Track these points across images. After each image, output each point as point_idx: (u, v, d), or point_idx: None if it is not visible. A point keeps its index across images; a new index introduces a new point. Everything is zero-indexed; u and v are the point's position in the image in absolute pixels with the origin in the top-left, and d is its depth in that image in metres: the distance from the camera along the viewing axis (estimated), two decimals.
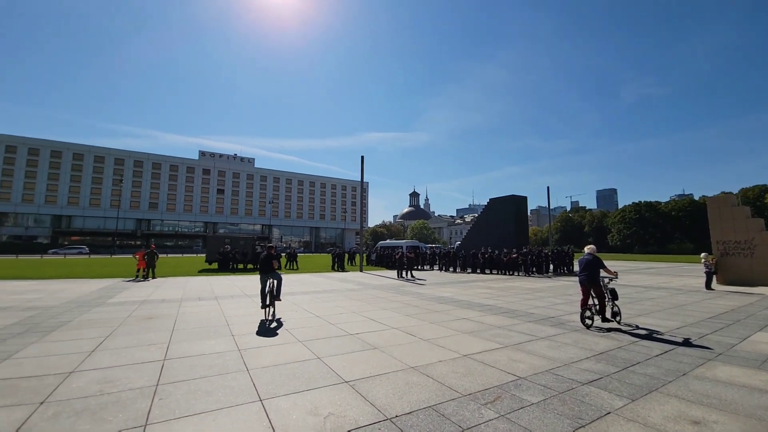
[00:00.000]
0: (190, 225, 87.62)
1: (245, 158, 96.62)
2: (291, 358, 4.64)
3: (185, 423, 2.89)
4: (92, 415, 3.01)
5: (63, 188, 73.53)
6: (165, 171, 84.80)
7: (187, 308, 8.48)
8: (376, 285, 14.48)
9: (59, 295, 10.47)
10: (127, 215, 77.25)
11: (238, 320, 7.15)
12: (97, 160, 77.37)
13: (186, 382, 3.78)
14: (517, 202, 23.70)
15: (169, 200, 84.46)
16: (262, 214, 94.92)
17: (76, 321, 6.93)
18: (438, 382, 3.84)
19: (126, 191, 78.17)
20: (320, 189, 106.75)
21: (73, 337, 5.72)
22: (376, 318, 7.48)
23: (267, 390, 3.59)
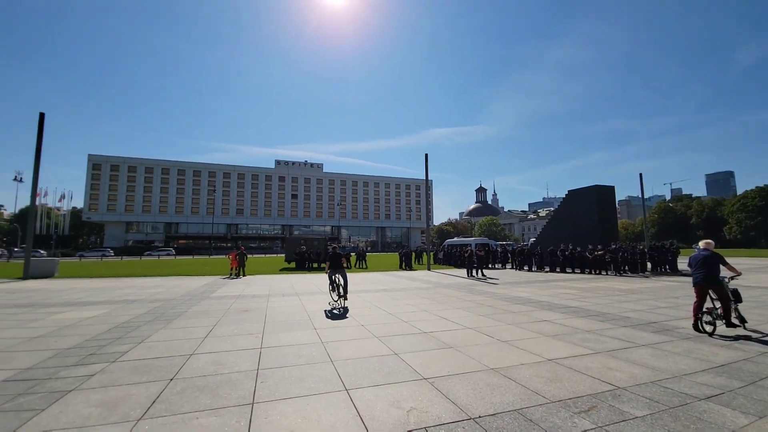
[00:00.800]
0: (269, 228, 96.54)
1: (315, 164, 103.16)
2: (370, 353, 4.85)
3: (285, 404, 3.23)
4: (211, 392, 3.53)
5: (171, 199, 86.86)
6: (248, 180, 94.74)
7: (274, 303, 9.39)
8: (445, 284, 14.30)
9: (175, 290, 12.41)
10: (219, 221, 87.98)
11: (318, 315, 7.68)
12: (195, 174, 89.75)
13: (280, 369, 4.20)
14: (602, 193, 21.27)
15: (251, 206, 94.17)
16: (331, 215, 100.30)
17: (190, 311, 8.16)
18: (522, 386, 3.66)
19: (218, 200, 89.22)
20: (385, 189, 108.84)
21: (189, 325, 6.75)
22: (449, 317, 7.40)
23: (351, 381, 3.81)
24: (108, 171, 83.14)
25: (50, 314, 7.90)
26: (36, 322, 7.02)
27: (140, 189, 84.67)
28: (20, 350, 5.08)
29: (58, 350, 5.05)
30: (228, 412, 3.07)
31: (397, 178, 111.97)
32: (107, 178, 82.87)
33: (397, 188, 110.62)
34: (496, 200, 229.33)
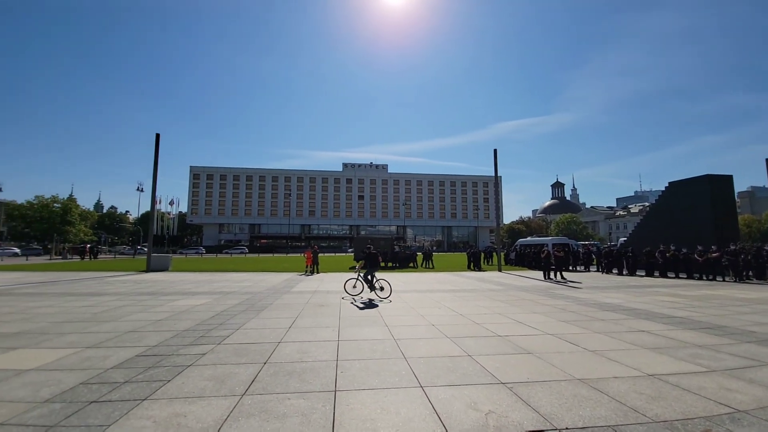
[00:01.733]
0: (338, 228, 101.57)
1: (380, 165, 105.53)
2: (443, 353, 4.83)
3: (365, 394, 3.41)
4: (298, 377, 3.88)
5: (254, 203, 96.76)
6: (318, 183, 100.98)
7: (347, 299, 9.88)
8: (519, 286, 13.50)
9: (261, 284, 13.83)
10: (294, 221, 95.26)
11: (388, 312, 7.88)
12: (273, 180, 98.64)
13: (357, 361, 4.43)
14: (716, 184, 17.96)
15: (322, 207, 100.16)
16: (396, 215, 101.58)
17: (275, 304, 9.03)
18: (616, 401, 3.31)
19: (293, 202, 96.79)
20: (450, 187, 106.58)
21: (275, 316, 7.49)
22: (525, 321, 6.98)
23: (426, 378, 3.85)
24: (205, 179, 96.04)
25: (168, 301, 9.43)
26: (158, 308, 8.45)
27: (229, 194, 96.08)
28: (148, 331, 6.17)
29: (176, 332, 6.02)
30: (314, 397, 3.35)
31: (462, 176, 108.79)
32: (204, 185, 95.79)
33: (463, 186, 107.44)
34: (576, 196, 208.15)
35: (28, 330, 6.10)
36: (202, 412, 3.05)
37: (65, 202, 63.92)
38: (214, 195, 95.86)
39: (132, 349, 4.96)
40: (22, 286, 13.02)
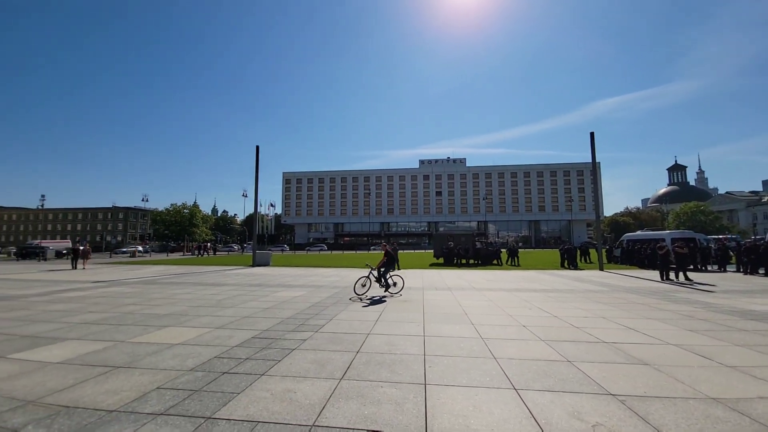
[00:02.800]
0: (416, 225, 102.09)
1: (457, 159, 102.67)
2: (537, 356, 4.53)
3: (455, 391, 3.41)
4: (389, 367, 4.07)
5: (337, 203, 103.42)
6: (396, 182, 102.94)
7: (429, 296, 9.92)
8: (627, 287, 11.80)
9: (347, 279, 14.76)
10: (374, 220, 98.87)
11: (473, 310, 7.67)
12: (353, 181, 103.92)
13: (445, 357, 4.44)
14: None
15: (400, 205, 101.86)
16: (476, 210, 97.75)
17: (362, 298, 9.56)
18: (763, 425, 2.69)
19: (372, 201, 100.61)
20: (537, 178, 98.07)
21: (362, 309, 7.94)
22: (638, 328, 6.09)
23: (519, 381, 3.67)
24: (295, 184, 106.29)
25: (272, 292, 10.74)
26: (265, 297, 9.69)
27: (316, 196, 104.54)
28: (259, 317, 7.13)
29: (281, 319, 6.84)
30: (405, 388, 3.48)
31: (551, 164, 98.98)
32: (295, 189, 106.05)
33: (553, 176, 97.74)
34: (704, 180, 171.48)
35: (173, 312, 7.61)
36: (309, 390, 3.43)
37: (191, 209, 77.59)
38: (303, 197, 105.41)
39: (249, 332, 5.82)
40: (165, 276, 16.25)
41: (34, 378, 3.79)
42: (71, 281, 14.05)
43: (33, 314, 7.35)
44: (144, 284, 13.01)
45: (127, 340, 5.34)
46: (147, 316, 7.10)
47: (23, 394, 3.36)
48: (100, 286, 12.56)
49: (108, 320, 6.76)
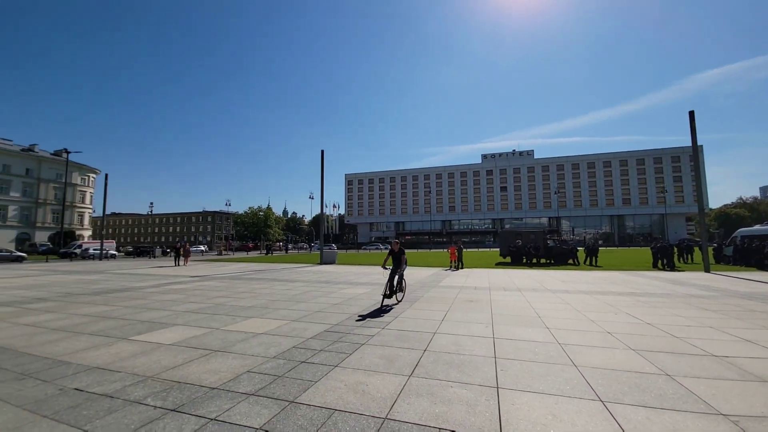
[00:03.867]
0: (480, 222, 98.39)
1: (523, 152, 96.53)
2: (627, 366, 4.06)
3: (531, 397, 3.23)
4: (457, 368, 4.01)
5: (398, 202, 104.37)
6: (457, 178, 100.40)
7: (497, 296, 9.50)
8: (743, 293, 9.95)
9: (409, 278, 14.81)
10: (435, 218, 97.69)
11: (548, 314, 7.15)
12: (413, 179, 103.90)
13: (517, 361, 4.22)
14: None
15: (462, 202, 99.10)
16: (547, 206, 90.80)
17: (425, 297, 9.54)
18: None
19: (433, 199, 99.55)
20: (620, 168, 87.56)
21: (427, 308, 7.92)
22: (757, 340, 5.10)
23: (605, 392, 3.34)
24: (357, 184, 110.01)
25: (339, 289, 11.28)
26: (333, 294, 10.21)
27: (377, 196, 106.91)
28: (329, 312, 7.54)
29: (349, 314, 7.16)
30: (476, 389, 3.40)
31: (638, 151, 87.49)
32: (357, 190, 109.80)
33: (640, 164, 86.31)
34: None
35: (255, 305, 8.43)
36: (379, 384, 3.54)
37: (266, 211, 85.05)
38: (365, 197, 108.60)
39: (321, 325, 6.20)
40: (247, 273, 18.07)
41: (151, 357, 4.53)
42: (175, 276, 16.42)
43: (148, 303, 8.76)
44: (230, 279, 14.64)
45: (220, 327, 6.07)
46: (234, 308, 7.98)
47: (143, 370, 4.03)
48: (196, 280, 14.46)
49: (204, 310, 7.76)
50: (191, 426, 2.74)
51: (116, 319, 6.82)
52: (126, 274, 17.32)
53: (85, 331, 5.93)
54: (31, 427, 2.73)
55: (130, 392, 3.40)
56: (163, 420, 2.84)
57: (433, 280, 13.97)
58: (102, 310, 7.76)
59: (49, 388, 3.51)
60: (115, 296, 9.95)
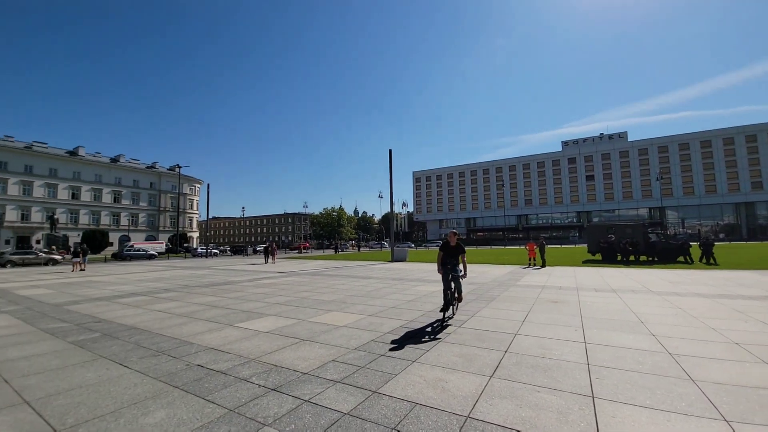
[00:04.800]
0: (561, 216, 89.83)
1: (613, 135, 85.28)
2: (758, 382, 3.35)
3: (635, 410, 2.87)
4: (543, 372, 3.75)
5: (467, 198, 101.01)
6: (533, 169, 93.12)
7: (586, 297, 8.59)
8: None
9: (484, 276, 14.27)
10: (510, 212, 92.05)
11: (653, 319, 6.23)
12: (484, 173, 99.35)
13: (616, 371, 3.78)
14: None
15: (540, 195, 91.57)
16: (646, 195, 78.93)
17: (503, 296, 9.09)
18: None
19: (506, 193, 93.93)
20: (746, 144, 71.87)
21: (505, 307, 7.55)
22: None
23: (731, 411, 2.80)
24: (425, 181, 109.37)
25: (412, 286, 11.39)
26: (406, 291, 10.35)
27: (446, 192, 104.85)
28: (403, 308, 7.67)
29: (424, 312, 7.19)
30: (568, 397, 3.14)
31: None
32: (425, 187, 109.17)
33: None
34: None
35: (335, 299, 8.99)
36: (459, 382, 3.50)
37: (338, 211, 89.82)
38: (433, 194, 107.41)
39: (397, 321, 6.35)
40: (325, 269, 19.34)
41: (252, 342, 5.15)
42: (265, 271, 18.38)
43: (245, 295, 9.97)
44: (311, 275, 15.84)
45: (306, 319, 6.63)
46: (317, 301, 8.63)
47: (246, 353, 4.61)
48: (283, 276, 15.97)
49: (291, 302, 8.54)
50: (289, 405, 3.06)
51: (222, 308, 7.91)
52: (226, 270, 19.94)
53: (201, 317, 7.01)
54: (166, 396, 3.34)
55: (239, 371, 3.93)
56: (266, 397, 3.23)
57: (510, 278, 13.22)
58: (211, 300, 9.08)
59: (178, 364, 4.24)
60: (220, 288, 11.54)
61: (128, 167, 69.88)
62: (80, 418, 2.90)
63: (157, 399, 3.25)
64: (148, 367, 4.16)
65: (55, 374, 3.97)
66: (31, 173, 56.44)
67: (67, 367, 4.19)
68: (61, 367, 4.22)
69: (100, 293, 10.95)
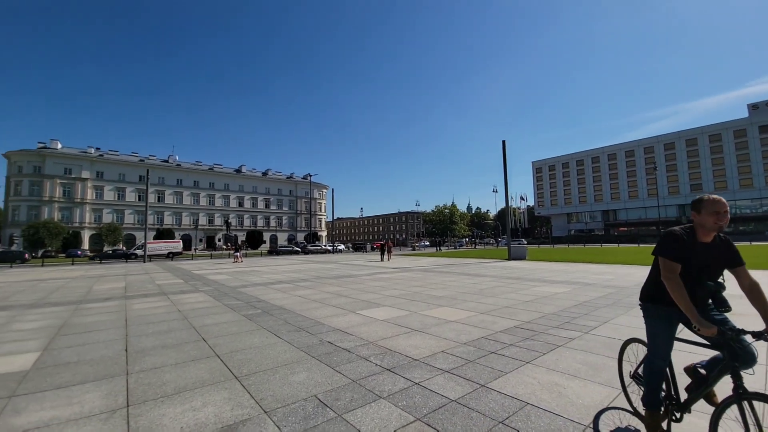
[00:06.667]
0: (752, 204, 67.57)
1: None
2: None
3: None
4: None
5: (605, 186, 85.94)
6: (702, 144, 72.89)
7: None
8: None
9: (626, 279, 12.05)
10: (667, 202, 74.35)
11: None
12: (627, 155, 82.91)
13: None
14: None
15: (715, 176, 71.09)
16: None
17: None
18: None
19: (660, 178, 75.77)
20: None
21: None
22: None
23: None
24: (547, 171, 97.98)
25: (530, 287, 10.53)
26: (523, 291, 9.65)
27: (574, 182, 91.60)
28: (519, 309, 7.21)
29: (543, 314, 6.63)
30: None
31: None
32: (547, 177, 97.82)
33: None
34: None
35: (445, 295, 9.10)
36: (580, 390, 3.19)
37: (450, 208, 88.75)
38: (558, 185, 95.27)
39: (510, 321, 6.06)
40: (437, 266, 19.56)
41: (370, 327, 5.74)
42: (382, 267, 19.81)
43: (365, 287, 11.02)
44: (423, 272, 16.31)
45: (418, 312, 6.97)
46: (428, 296, 8.91)
47: (366, 337, 5.18)
48: (397, 271, 16.92)
49: (404, 296, 9.05)
50: (401, 384, 3.37)
51: (346, 297, 8.99)
52: (348, 265, 22.30)
53: (330, 303, 8.14)
54: (306, 362, 4.09)
55: (360, 351, 4.49)
56: (381, 375, 3.63)
57: None
58: (337, 290, 10.40)
59: (313, 339, 5.10)
60: (344, 280, 13.05)
61: (274, 179, 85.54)
62: (251, 370, 3.85)
63: (300, 364, 4.03)
64: (293, 339, 5.14)
65: (234, 337, 5.30)
66: (213, 188, 75.47)
67: (242, 333, 5.55)
68: (238, 332, 5.61)
69: (260, 280, 13.80)
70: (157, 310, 7.72)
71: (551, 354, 4.26)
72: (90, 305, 8.64)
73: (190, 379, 3.63)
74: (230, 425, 2.69)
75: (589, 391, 3.17)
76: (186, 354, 4.52)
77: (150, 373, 3.87)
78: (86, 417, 2.87)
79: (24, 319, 7.08)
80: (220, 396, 3.20)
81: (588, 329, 5.39)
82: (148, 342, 5.15)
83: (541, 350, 4.42)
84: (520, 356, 4.18)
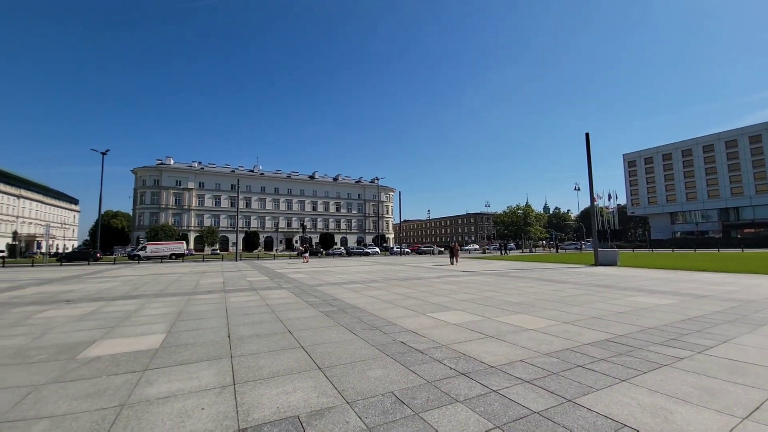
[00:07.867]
0: None
1: None
2: None
3: None
4: None
5: (722, 180, 71.94)
6: None
7: None
8: None
9: (754, 290, 9.95)
10: None
11: None
12: (752, 141, 68.20)
13: None
14: None
15: None
16: None
17: None
18: None
19: None
20: None
21: None
22: None
23: None
24: (642, 165, 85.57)
25: (624, 296, 9.33)
26: (615, 300, 8.60)
27: (679, 175, 78.49)
28: (611, 320, 6.45)
29: (641, 327, 5.84)
30: None
31: None
32: (643, 172, 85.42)
33: None
34: None
35: (522, 302, 8.56)
36: (691, 416, 2.76)
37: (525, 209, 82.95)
38: (658, 180, 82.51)
39: (600, 333, 5.47)
40: (510, 271, 18.47)
41: (442, 331, 5.70)
42: (451, 270, 19.44)
43: (434, 290, 10.95)
44: (496, 276, 15.56)
45: (491, 317, 6.70)
46: (502, 302, 8.50)
47: (438, 339, 5.16)
48: (467, 274, 16.43)
49: (476, 300, 8.77)
50: (478, 390, 3.31)
51: (416, 299, 9.05)
52: (416, 267, 22.33)
53: (400, 304, 8.30)
54: (381, 360, 4.24)
55: (433, 353, 4.51)
56: (457, 379, 3.60)
57: None
58: (406, 292, 10.52)
59: (387, 338, 5.26)
60: (413, 282, 13.13)
61: (344, 183, 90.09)
62: (332, 363, 4.15)
63: (375, 360, 4.21)
64: (368, 336, 5.37)
65: (315, 331, 5.75)
66: (290, 194, 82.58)
67: (321, 328, 5.98)
68: (318, 327, 6.06)
69: (333, 279, 14.65)
70: (250, 304, 8.72)
71: (653, 373, 3.75)
72: (198, 296, 10.14)
73: (281, 366, 4.06)
74: (317, 410, 2.94)
75: (703, 419, 2.72)
76: (276, 343, 5.05)
77: (249, 357, 4.42)
78: (204, 390, 3.41)
79: (151, 306, 8.62)
80: (307, 384, 3.52)
81: (702, 348, 4.61)
82: (245, 330, 5.88)
83: (640, 368, 3.91)
84: (614, 373, 3.76)
